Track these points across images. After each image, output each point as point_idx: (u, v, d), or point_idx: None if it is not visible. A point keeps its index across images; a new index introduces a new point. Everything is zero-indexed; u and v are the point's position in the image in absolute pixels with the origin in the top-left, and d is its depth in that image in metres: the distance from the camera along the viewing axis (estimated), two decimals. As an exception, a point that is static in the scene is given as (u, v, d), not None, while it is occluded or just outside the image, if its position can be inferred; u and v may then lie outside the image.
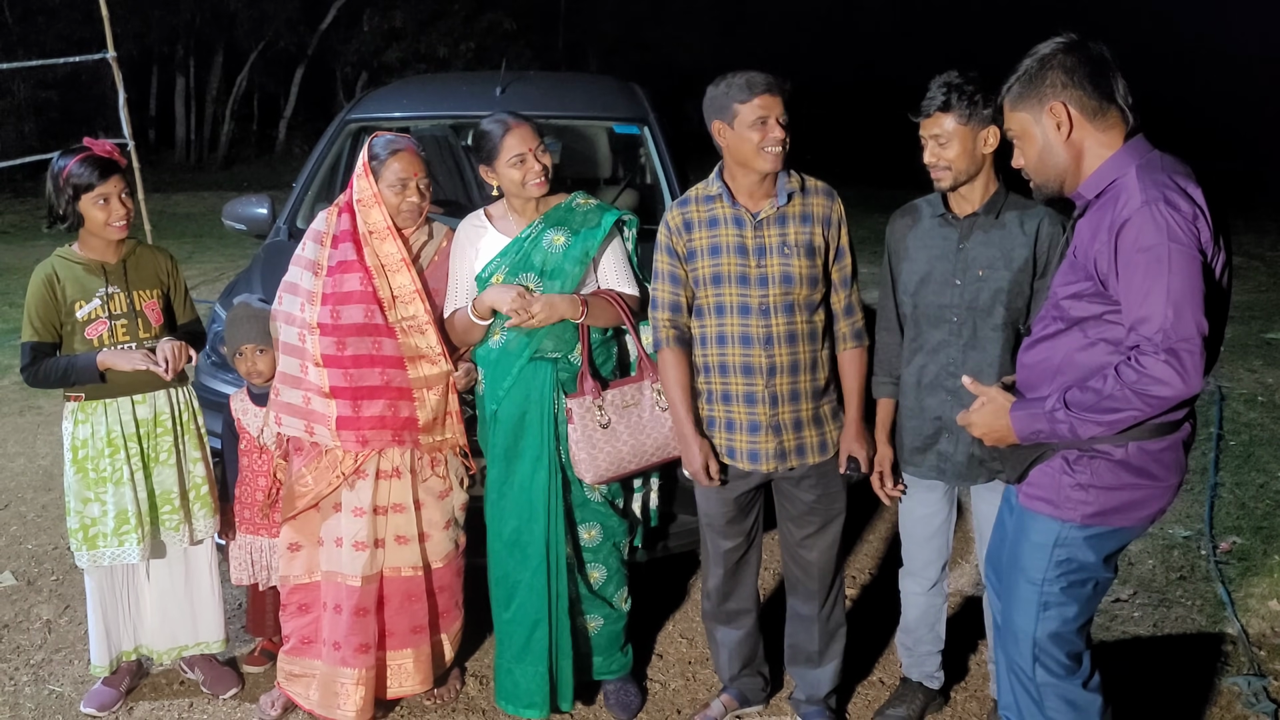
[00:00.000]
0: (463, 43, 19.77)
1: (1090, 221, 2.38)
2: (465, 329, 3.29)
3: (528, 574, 3.31)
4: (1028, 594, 2.53)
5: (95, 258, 3.29)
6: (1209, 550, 4.59)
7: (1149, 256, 2.21)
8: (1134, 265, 2.23)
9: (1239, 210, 14.72)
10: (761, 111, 2.93)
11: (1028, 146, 2.46)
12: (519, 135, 3.19)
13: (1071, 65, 2.37)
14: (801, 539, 3.25)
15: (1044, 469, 2.48)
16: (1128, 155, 2.36)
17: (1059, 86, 2.37)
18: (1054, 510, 2.46)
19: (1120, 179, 2.33)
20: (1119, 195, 2.30)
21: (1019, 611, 2.55)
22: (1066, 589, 2.49)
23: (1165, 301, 2.19)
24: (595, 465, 3.22)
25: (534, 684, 3.35)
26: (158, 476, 3.38)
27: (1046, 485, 2.47)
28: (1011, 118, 2.47)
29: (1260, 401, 6.63)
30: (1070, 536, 2.46)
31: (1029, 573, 2.52)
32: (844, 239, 3.11)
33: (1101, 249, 2.31)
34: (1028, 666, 2.57)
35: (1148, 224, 2.22)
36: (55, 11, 16.61)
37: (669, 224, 3.14)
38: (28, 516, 4.97)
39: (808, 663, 3.37)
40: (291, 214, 4.87)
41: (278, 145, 21.24)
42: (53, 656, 3.81)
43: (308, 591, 3.38)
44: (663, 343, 3.15)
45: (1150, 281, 2.21)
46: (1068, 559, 2.47)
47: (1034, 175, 2.50)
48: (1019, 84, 2.43)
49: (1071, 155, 2.41)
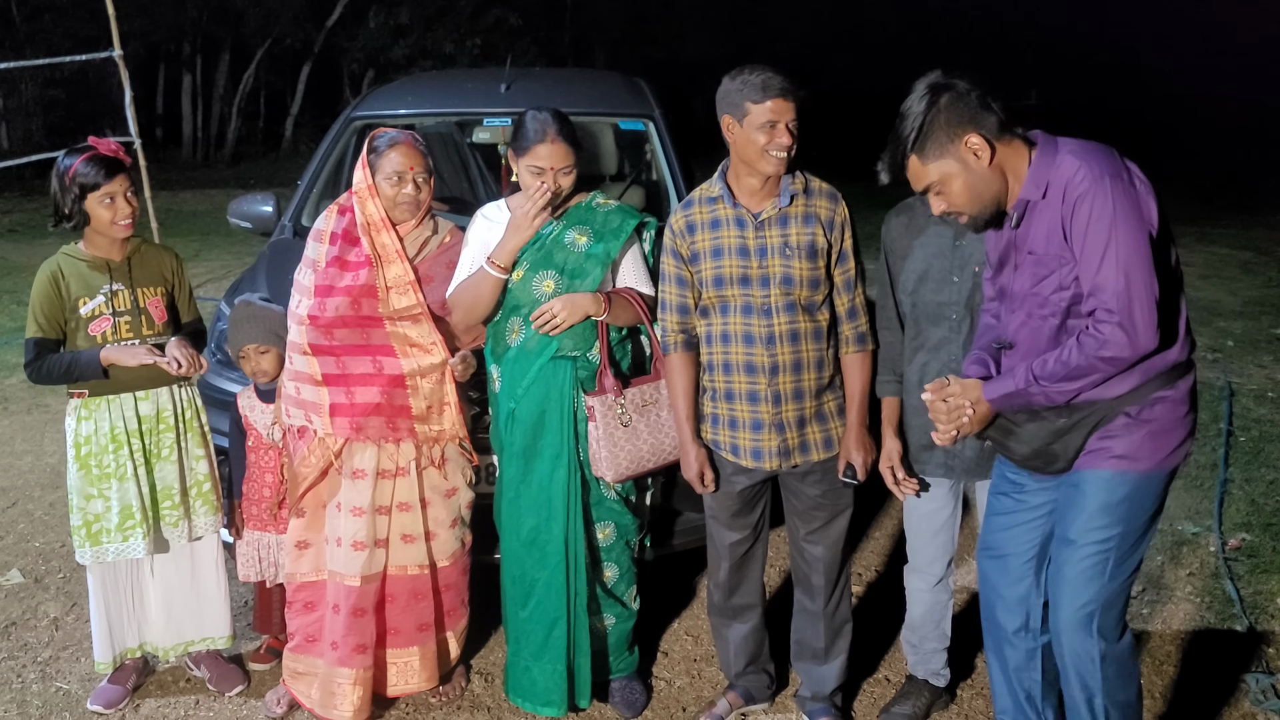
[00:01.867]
0: (469, 39, 19.77)
1: (1043, 217, 2.51)
2: (477, 293, 3.24)
3: (546, 572, 3.30)
4: (1090, 561, 2.60)
5: (100, 255, 3.29)
6: (1218, 547, 4.58)
7: (1100, 226, 2.39)
8: (1087, 236, 2.40)
9: (1247, 207, 14.68)
10: (772, 115, 2.92)
11: (955, 187, 2.54)
12: (549, 151, 3.16)
13: (958, 99, 2.48)
14: (807, 534, 3.25)
15: (1107, 432, 2.55)
16: (1047, 150, 2.51)
17: (964, 122, 2.48)
18: (1130, 464, 2.56)
19: (1059, 170, 2.46)
20: (1065, 182, 2.44)
21: (1078, 584, 2.62)
22: (1137, 540, 2.61)
23: (1116, 270, 2.37)
24: (616, 463, 3.21)
25: (552, 682, 3.35)
26: (159, 473, 3.39)
27: (1118, 444, 2.55)
28: (929, 170, 2.54)
29: (1270, 397, 6.60)
30: (1144, 486, 2.58)
31: (1092, 535, 2.59)
32: (848, 242, 3.11)
33: (1068, 231, 2.45)
34: (1088, 643, 2.63)
35: (1099, 198, 2.39)
36: (62, 10, 16.63)
37: (673, 227, 3.15)
38: (35, 514, 4.98)
39: (813, 659, 3.37)
40: (296, 212, 4.87)
41: (284, 142, 21.27)
42: (60, 654, 3.81)
43: (314, 589, 3.38)
44: (670, 347, 3.16)
45: (1102, 250, 2.38)
46: (1141, 508, 2.59)
47: (969, 209, 2.57)
48: (921, 139, 2.50)
49: (999, 176, 2.53)
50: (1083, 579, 2.62)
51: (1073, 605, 2.64)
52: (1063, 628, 2.66)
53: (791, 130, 2.95)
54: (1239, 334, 8.15)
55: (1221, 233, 12.61)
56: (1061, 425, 2.58)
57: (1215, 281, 10.05)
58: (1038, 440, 2.61)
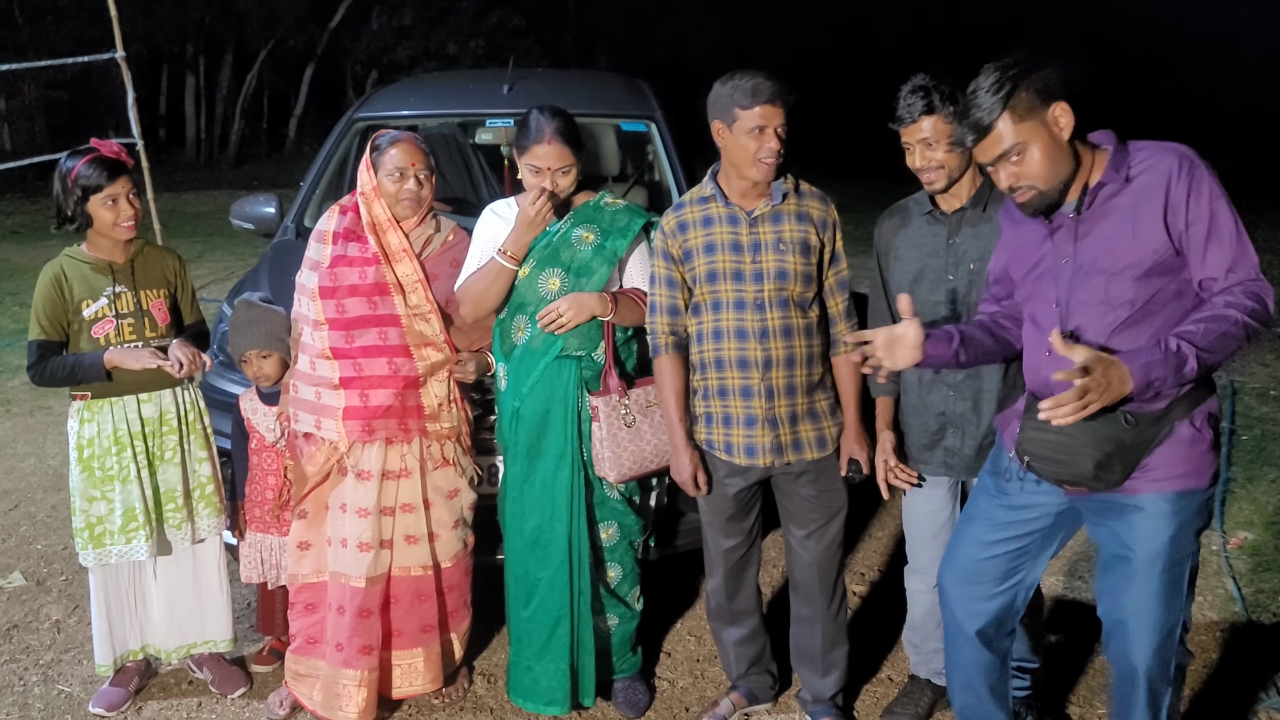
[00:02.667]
0: (472, 40, 19.81)
1: (1125, 205, 2.43)
2: (487, 284, 3.24)
3: (549, 572, 3.31)
4: (1168, 581, 2.52)
5: (103, 257, 3.30)
6: (1220, 545, 4.57)
7: (1221, 206, 2.38)
8: (1214, 219, 2.38)
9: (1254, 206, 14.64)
10: (761, 121, 2.92)
11: (1036, 155, 2.41)
12: (546, 152, 3.16)
13: (1049, 68, 2.40)
14: (803, 538, 3.24)
15: (1170, 445, 2.46)
16: (1118, 142, 2.47)
17: (1054, 88, 2.39)
18: (1195, 481, 2.49)
19: (1152, 159, 2.42)
20: (1167, 170, 2.39)
21: (1158, 607, 2.53)
22: (1196, 555, 2.57)
23: (1246, 247, 2.39)
24: (619, 464, 3.21)
25: (555, 681, 3.35)
26: (162, 475, 3.39)
27: (1183, 459, 2.47)
28: (1018, 130, 2.40)
29: (1272, 396, 6.59)
30: (1203, 501, 2.52)
31: (1169, 555, 2.50)
32: (839, 243, 3.13)
33: (1171, 214, 2.38)
34: (1166, 668, 2.58)
35: (1206, 179, 2.38)
36: (64, 12, 16.68)
37: (663, 228, 3.15)
38: (37, 517, 4.99)
39: (813, 663, 3.36)
40: (299, 213, 4.87)
41: (288, 143, 21.32)
42: (62, 656, 3.82)
43: (315, 591, 3.38)
44: (660, 349, 3.16)
45: (1233, 229, 2.38)
46: (1202, 524, 2.54)
47: (1043, 182, 2.44)
48: (1015, 96, 2.38)
49: (1072, 156, 2.45)
50: (1160, 603, 2.53)
51: (1152, 631, 2.54)
52: (1138, 653, 2.56)
53: (780, 135, 2.95)
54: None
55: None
56: (1125, 433, 2.43)
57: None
58: (1099, 453, 2.44)
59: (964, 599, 2.76)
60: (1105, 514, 2.57)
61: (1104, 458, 2.43)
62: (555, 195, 3.20)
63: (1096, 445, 2.43)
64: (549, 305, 3.18)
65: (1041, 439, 2.51)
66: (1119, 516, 2.53)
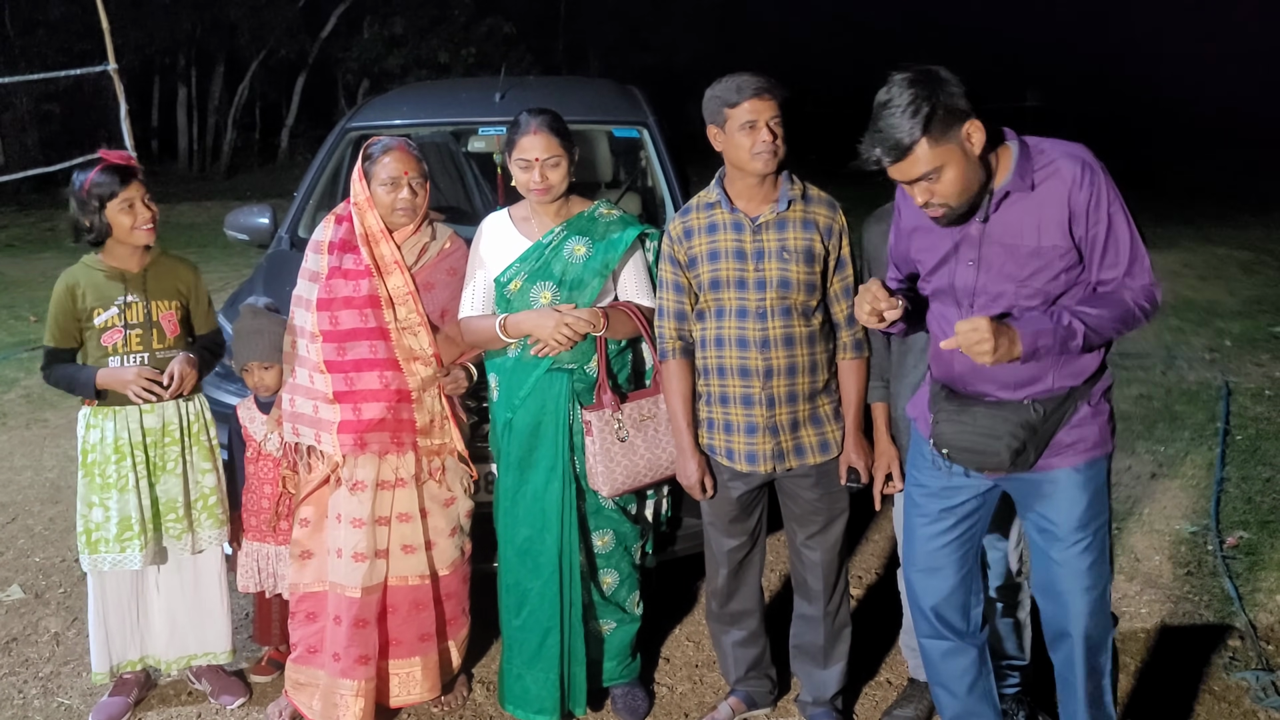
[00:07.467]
0: (463, 48, 19.77)
1: (1028, 209, 2.51)
2: (485, 337, 3.29)
3: (539, 583, 3.31)
4: (1092, 549, 2.69)
5: (118, 266, 3.33)
6: (1216, 545, 4.58)
7: (1117, 209, 2.50)
8: (1112, 222, 2.50)
9: (1246, 207, 14.68)
10: (750, 115, 2.93)
11: (949, 175, 2.45)
12: (532, 142, 3.18)
13: (953, 86, 2.42)
14: (805, 539, 3.25)
15: (1075, 424, 2.63)
16: (1023, 145, 2.54)
17: (962, 108, 2.42)
18: (1102, 450, 2.68)
19: (1054, 164, 2.50)
20: (1070, 176, 2.48)
21: (1085, 574, 2.70)
22: (1110, 518, 2.77)
23: (1141, 249, 2.53)
24: (612, 479, 3.21)
25: (545, 690, 3.35)
26: (162, 485, 3.39)
27: (1088, 433, 2.65)
28: (934, 155, 2.41)
29: (1267, 395, 6.61)
30: (1107, 468, 2.73)
31: (1089, 525, 2.68)
32: (845, 250, 3.12)
33: (1074, 220, 2.49)
34: (1103, 631, 2.75)
35: (1105, 186, 2.49)
36: (56, 25, 16.65)
37: (670, 233, 3.17)
38: (35, 529, 4.98)
39: (814, 663, 3.37)
40: (293, 223, 4.87)
41: (281, 154, 21.28)
42: (61, 669, 3.81)
43: (316, 600, 3.38)
44: (668, 354, 3.17)
45: (1129, 232, 2.51)
46: (1108, 489, 2.74)
47: (955, 200, 2.48)
48: (930, 121, 2.38)
49: (983, 167, 2.50)
50: (1088, 568, 2.69)
51: (1085, 595, 2.70)
52: (1074, 619, 2.71)
53: (773, 128, 2.96)
54: (1237, 333, 8.16)
55: (1220, 233, 12.62)
56: (1034, 420, 2.59)
57: (1214, 281, 10.07)
58: (1014, 440, 2.58)
59: (929, 590, 2.87)
60: (1026, 493, 2.74)
61: (1019, 445, 2.59)
62: (548, 190, 3.21)
63: (1011, 434, 2.59)
64: (540, 339, 3.18)
65: (958, 432, 2.66)
66: (1037, 493, 2.71)
